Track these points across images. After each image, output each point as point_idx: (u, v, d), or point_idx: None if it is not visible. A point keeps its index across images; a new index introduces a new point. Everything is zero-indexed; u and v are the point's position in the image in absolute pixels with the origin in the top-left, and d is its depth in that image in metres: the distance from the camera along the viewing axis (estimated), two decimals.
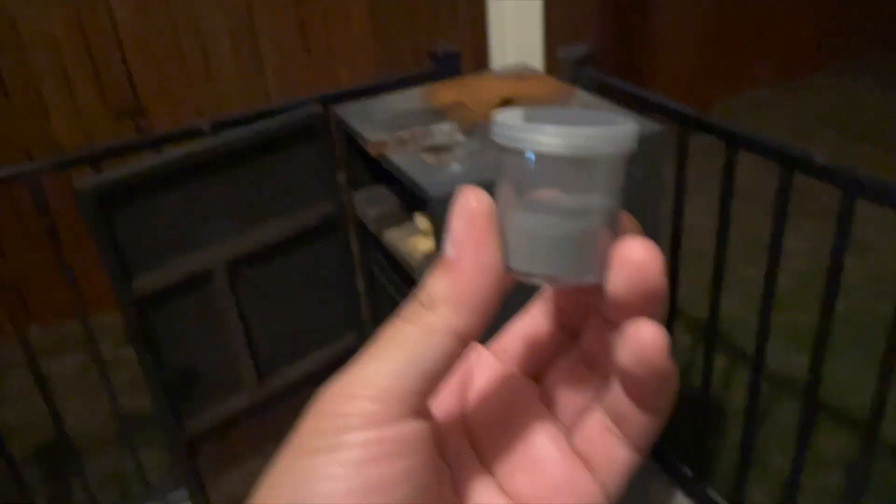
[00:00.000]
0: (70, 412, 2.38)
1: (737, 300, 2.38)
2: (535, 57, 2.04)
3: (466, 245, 0.28)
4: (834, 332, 1.61)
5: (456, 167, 1.39)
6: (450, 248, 0.29)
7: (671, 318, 2.15)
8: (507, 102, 1.62)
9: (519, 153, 0.28)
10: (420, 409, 0.28)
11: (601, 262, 0.29)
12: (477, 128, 1.53)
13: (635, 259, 0.28)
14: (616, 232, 0.29)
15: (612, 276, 0.28)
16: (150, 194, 1.54)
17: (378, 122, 1.59)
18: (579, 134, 0.27)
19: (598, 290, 0.30)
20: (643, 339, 0.28)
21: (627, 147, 0.28)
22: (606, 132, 0.28)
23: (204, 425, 1.75)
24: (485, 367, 0.35)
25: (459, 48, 1.99)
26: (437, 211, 1.33)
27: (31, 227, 2.96)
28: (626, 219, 0.30)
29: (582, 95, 1.69)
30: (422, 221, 1.55)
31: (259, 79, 3.26)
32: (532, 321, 0.35)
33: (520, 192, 0.29)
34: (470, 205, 0.29)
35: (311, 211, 1.75)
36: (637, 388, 0.29)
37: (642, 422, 0.30)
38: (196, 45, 3.10)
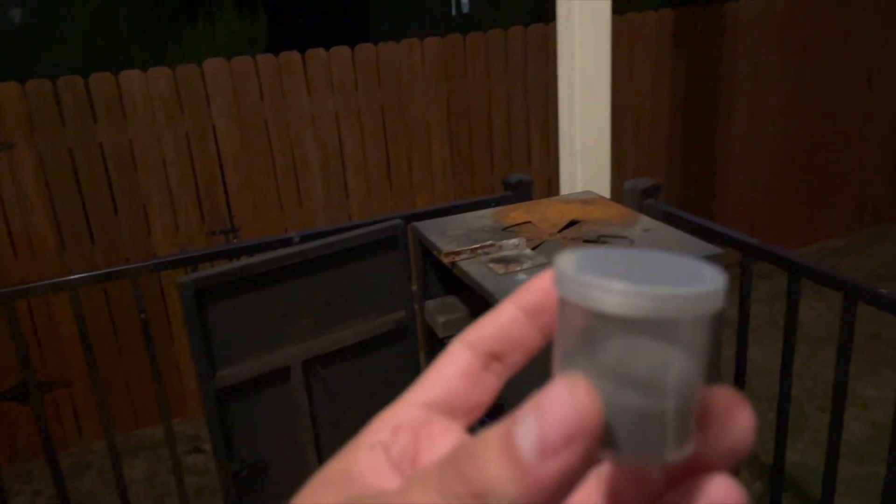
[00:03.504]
0: None
1: (814, 449, 2.31)
2: (602, 190, 2.16)
3: (560, 459, 0.23)
4: None
5: (522, 276, 1.49)
6: (531, 447, 0.23)
7: (737, 467, 2.10)
8: (573, 223, 1.73)
9: (586, 311, 0.24)
10: None
11: (687, 434, 0.25)
12: (543, 243, 1.63)
13: (735, 423, 0.26)
14: (701, 397, 0.26)
15: (709, 441, 0.26)
16: (240, 292, 1.68)
17: (452, 236, 1.71)
18: (659, 294, 0.23)
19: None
20: (722, 497, 0.25)
21: (716, 306, 0.24)
22: (690, 289, 0.24)
23: None
24: None
25: (531, 177, 2.13)
26: None
27: (114, 332, 3.16)
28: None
29: (646, 220, 1.79)
30: None
31: (343, 206, 3.49)
32: (586, 495, 0.30)
33: (586, 353, 0.25)
34: (581, 408, 0.23)
35: (384, 318, 1.86)
36: None
37: None
38: (290, 173, 3.38)
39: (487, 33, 3.57)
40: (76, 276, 1.88)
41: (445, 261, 1.61)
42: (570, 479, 0.23)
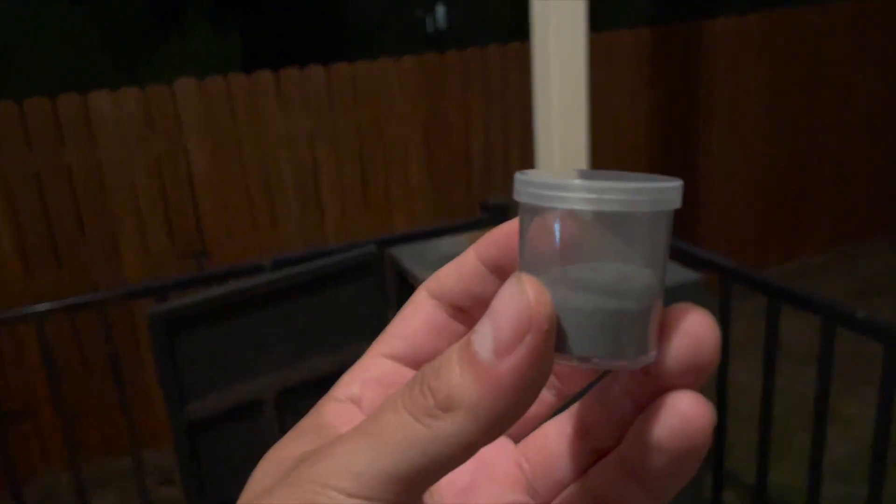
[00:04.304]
0: None
1: (798, 469, 2.29)
2: None
3: (515, 356, 0.23)
4: None
5: None
6: (487, 349, 0.23)
7: (720, 487, 2.08)
8: None
9: (545, 212, 0.24)
10: None
11: (646, 341, 0.25)
12: None
13: (695, 332, 0.25)
14: (660, 305, 0.25)
15: (668, 351, 0.25)
16: (211, 323, 1.63)
17: (428, 262, 1.68)
18: (612, 188, 0.23)
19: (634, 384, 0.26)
20: (687, 410, 0.25)
21: (670, 203, 0.25)
22: (644, 187, 0.24)
23: None
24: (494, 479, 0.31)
25: (509, 200, 2.11)
26: None
27: (80, 360, 3.08)
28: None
29: None
30: None
31: (319, 227, 3.44)
32: (558, 432, 0.30)
33: (542, 258, 0.25)
34: (528, 303, 0.23)
35: (361, 345, 1.81)
36: (655, 466, 0.25)
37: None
38: (264, 194, 3.32)
39: (464, 51, 3.55)
40: (42, 308, 1.82)
41: None
42: (530, 380, 0.23)
